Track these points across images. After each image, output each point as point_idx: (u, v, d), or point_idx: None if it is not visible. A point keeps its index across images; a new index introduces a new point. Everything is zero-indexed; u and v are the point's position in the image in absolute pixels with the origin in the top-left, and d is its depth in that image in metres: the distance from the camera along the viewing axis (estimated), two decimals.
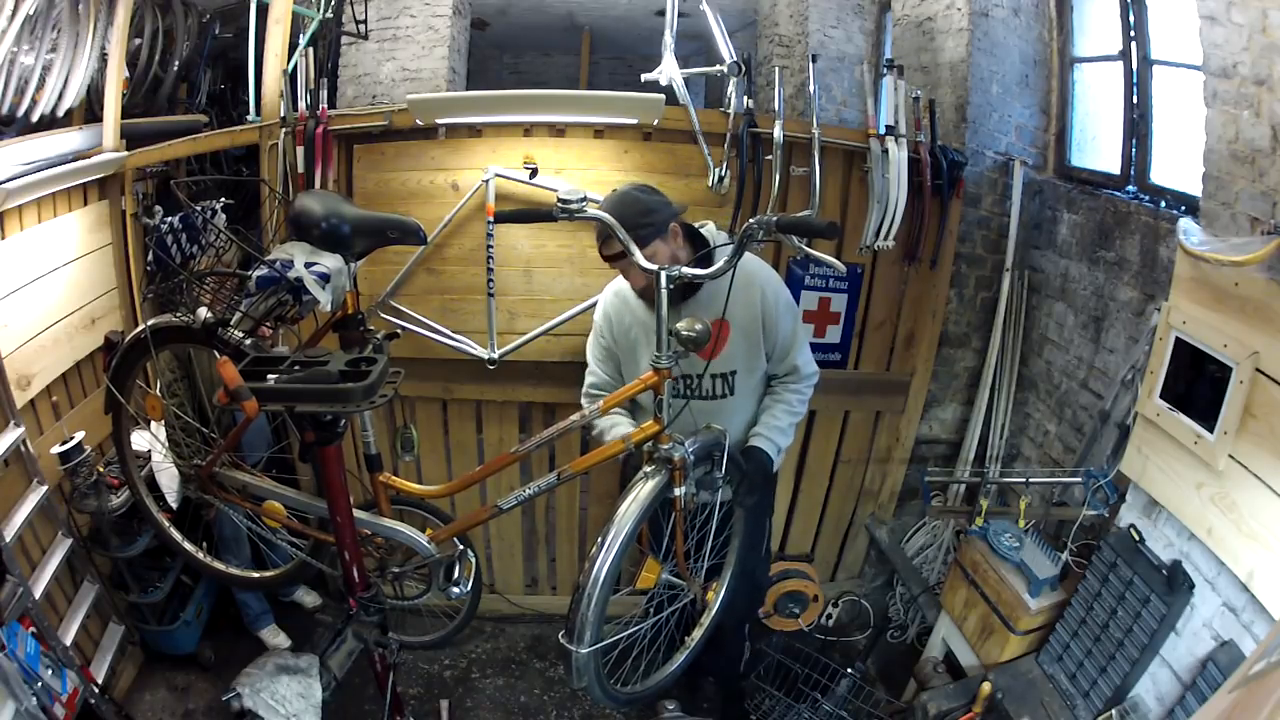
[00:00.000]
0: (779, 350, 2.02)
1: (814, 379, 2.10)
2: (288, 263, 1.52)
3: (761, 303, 1.93)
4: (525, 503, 1.80)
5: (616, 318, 2.02)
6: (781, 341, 2.00)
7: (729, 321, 1.90)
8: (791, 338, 2.02)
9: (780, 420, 2.02)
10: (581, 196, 1.58)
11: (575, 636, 1.54)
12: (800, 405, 2.07)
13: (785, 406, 2.03)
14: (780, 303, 1.97)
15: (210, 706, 2.60)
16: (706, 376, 1.96)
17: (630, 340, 2.00)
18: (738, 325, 1.94)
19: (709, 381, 1.98)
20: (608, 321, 2.04)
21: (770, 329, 1.96)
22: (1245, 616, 1.63)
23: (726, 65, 2.48)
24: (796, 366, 2.05)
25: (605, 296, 2.07)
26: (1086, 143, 3.05)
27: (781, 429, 2.01)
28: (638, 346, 1.98)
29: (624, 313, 2.01)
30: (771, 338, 1.98)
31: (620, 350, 2.03)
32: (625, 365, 2.03)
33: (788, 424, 2.03)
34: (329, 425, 1.59)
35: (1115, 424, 2.34)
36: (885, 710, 2.54)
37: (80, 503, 2.31)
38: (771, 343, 1.99)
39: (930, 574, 3.10)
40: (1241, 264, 1.62)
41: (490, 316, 2.64)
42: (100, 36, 2.67)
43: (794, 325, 2.03)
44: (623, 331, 2.01)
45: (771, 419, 2.02)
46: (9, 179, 2.09)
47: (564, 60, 7.22)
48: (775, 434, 2.00)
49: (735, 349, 1.96)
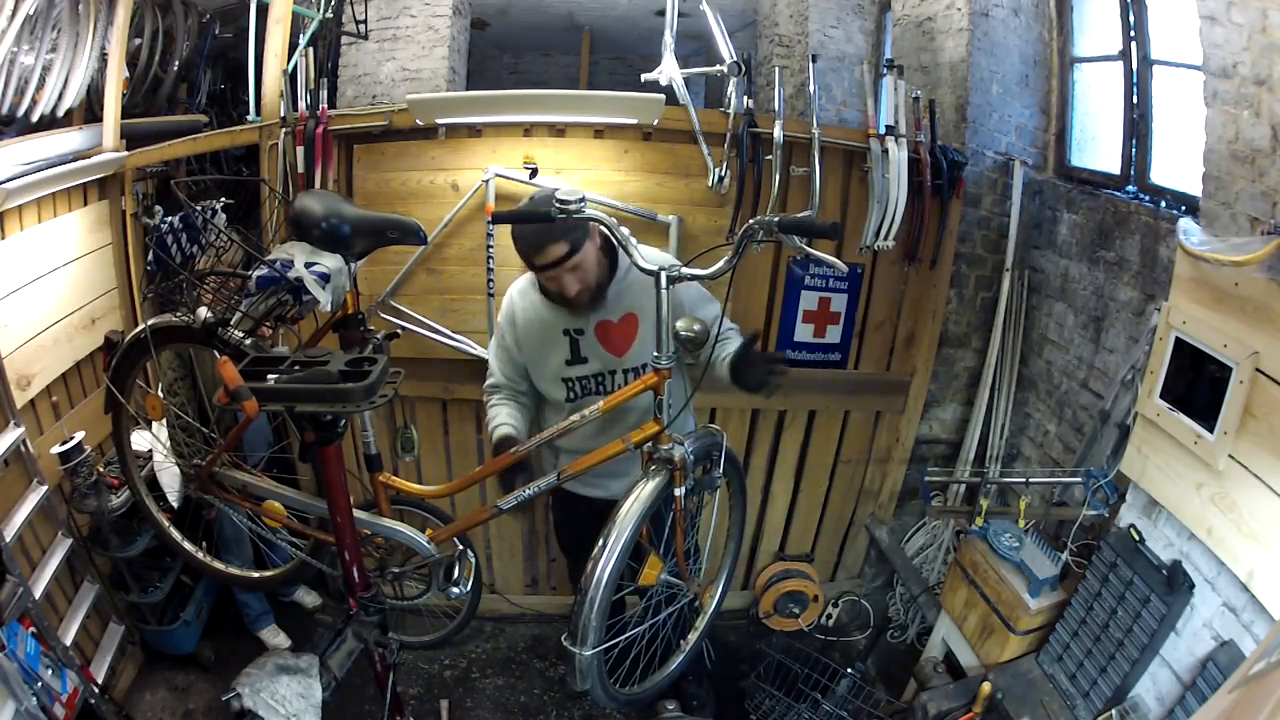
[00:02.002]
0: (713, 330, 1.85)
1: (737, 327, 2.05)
2: (288, 263, 1.52)
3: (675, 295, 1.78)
4: (525, 503, 1.80)
5: (521, 319, 1.97)
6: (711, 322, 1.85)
7: (636, 315, 1.90)
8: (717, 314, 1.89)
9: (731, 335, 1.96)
10: (580, 197, 1.57)
11: (578, 639, 1.54)
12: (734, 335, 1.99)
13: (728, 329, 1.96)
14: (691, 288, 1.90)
15: (210, 706, 2.60)
16: (619, 372, 1.94)
17: (536, 341, 1.96)
18: (647, 317, 1.87)
19: (622, 376, 1.95)
20: (511, 324, 1.98)
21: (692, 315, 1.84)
22: (1245, 616, 1.63)
23: (726, 65, 2.48)
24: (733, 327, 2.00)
25: (510, 299, 2.01)
26: (1086, 143, 3.05)
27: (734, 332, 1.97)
28: (546, 346, 1.94)
29: (529, 313, 1.96)
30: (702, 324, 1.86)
31: (525, 354, 1.98)
32: (534, 365, 1.99)
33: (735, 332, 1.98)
34: (329, 425, 1.59)
35: (1115, 424, 2.34)
36: (885, 710, 2.54)
37: (80, 503, 2.31)
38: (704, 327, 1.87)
39: (930, 574, 3.10)
40: (1241, 264, 1.62)
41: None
42: (100, 36, 2.66)
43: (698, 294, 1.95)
44: (527, 333, 1.96)
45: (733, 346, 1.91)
46: (9, 179, 2.09)
47: (564, 60, 7.22)
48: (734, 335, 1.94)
49: (646, 341, 1.90)
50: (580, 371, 1.95)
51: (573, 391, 1.97)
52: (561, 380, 1.96)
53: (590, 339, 1.92)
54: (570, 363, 1.95)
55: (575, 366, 1.95)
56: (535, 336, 1.97)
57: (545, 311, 1.94)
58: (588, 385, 1.96)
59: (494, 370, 2.07)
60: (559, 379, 1.96)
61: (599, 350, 1.93)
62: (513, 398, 2.04)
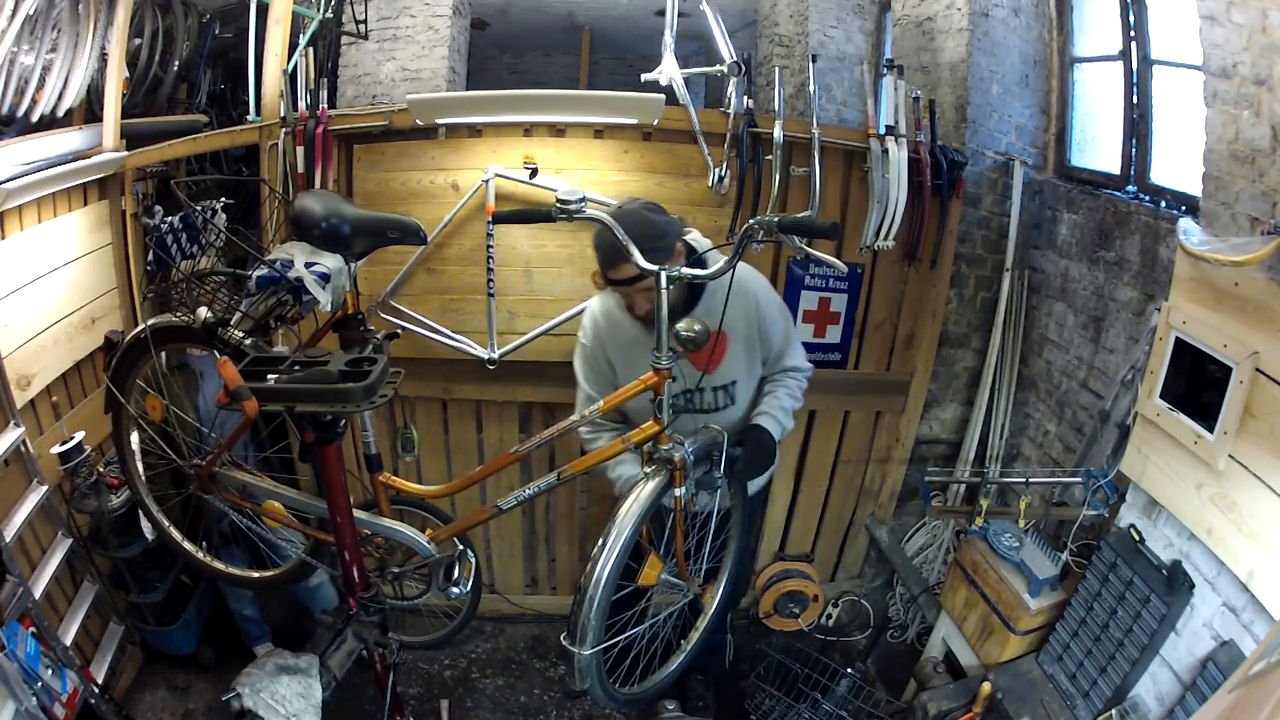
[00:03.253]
0: (774, 354, 2.02)
1: (810, 372, 2.10)
2: (288, 263, 1.52)
3: (756, 310, 1.93)
4: (525, 503, 1.80)
5: (610, 338, 1.96)
6: (776, 346, 2.01)
7: (726, 333, 1.89)
8: (785, 341, 2.02)
9: (784, 402, 2.01)
10: (580, 197, 1.57)
11: (577, 638, 1.54)
12: (800, 394, 2.07)
13: (787, 391, 2.03)
14: (773, 307, 1.97)
15: (210, 706, 2.61)
16: (708, 390, 1.96)
17: (627, 358, 1.95)
18: (736, 335, 1.93)
19: (710, 394, 1.97)
20: (599, 342, 1.97)
21: (765, 335, 1.96)
22: (1245, 616, 1.63)
23: (726, 65, 2.48)
24: (795, 366, 2.06)
25: (593, 318, 2.00)
26: (1086, 143, 3.05)
27: (785, 410, 2.00)
28: (635, 364, 1.92)
29: (617, 332, 1.96)
30: (767, 344, 1.98)
31: (618, 370, 1.97)
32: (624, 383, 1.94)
33: (790, 407, 2.02)
34: (329, 425, 1.59)
35: (1115, 424, 2.34)
36: (885, 710, 2.54)
37: (80, 503, 2.31)
38: (767, 349, 2.00)
39: (930, 574, 3.10)
40: (1241, 264, 1.62)
41: (490, 316, 2.64)
42: (100, 36, 2.66)
43: (786, 328, 2.03)
44: (618, 351, 1.96)
45: (775, 400, 2.01)
46: (9, 179, 2.09)
47: (564, 60, 7.22)
48: (779, 413, 1.99)
49: (734, 359, 1.95)
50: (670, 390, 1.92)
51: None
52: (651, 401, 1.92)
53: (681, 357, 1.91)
54: None
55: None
56: (625, 354, 1.95)
57: (634, 329, 1.92)
58: (677, 402, 1.92)
59: (591, 394, 1.97)
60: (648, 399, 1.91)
61: (689, 368, 1.89)
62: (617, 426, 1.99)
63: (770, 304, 1.97)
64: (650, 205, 1.81)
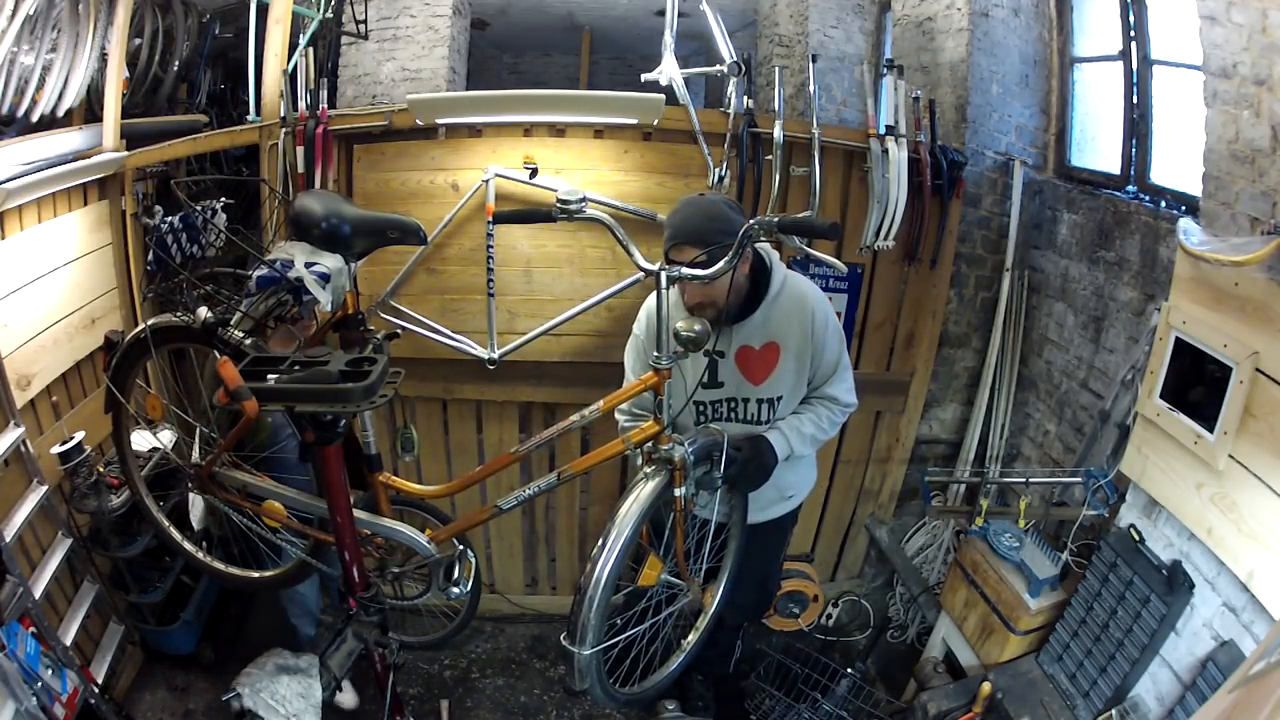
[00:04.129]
0: (820, 376, 1.93)
1: (851, 409, 2.00)
2: (288, 263, 1.52)
3: (811, 323, 1.86)
4: (525, 503, 1.80)
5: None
6: (824, 367, 1.92)
7: (780, 345, 1.85)
8: (835, 365, 1.93)
9: (805, 427, 1.90)
10: (581, 197, 1.57)
11: (577, 638, 1.54)
12: (830, 426, 1.97)
13: (814, 417, 1.93)
14: (829, 327, 1.89)
15: (210, 706, 2.60)
16: (753, 401, 1.90)
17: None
18: (789, 349, 1.87)
19: (754, 406, 1.91)
20: (651, 337, 1.90)
21: (817, 353, 1.89)
22: (1245, 616, 1.63)
23: (726, 65, 2.48)
24: (835, 396, 1.96)
25: (647, 311, 1.97)
26: (1086, 143, 3.05)
27: (803, 434, 1.90)
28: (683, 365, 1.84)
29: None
30: (816, 362, 1.91)
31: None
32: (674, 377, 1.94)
33: (811, 433, 1.92)
34: (329, 425, 1.59)
35: (1115, 424, 2.34)
36: (885, 710, 2.54)
37: (80, 503, 2.31)
38: (815, 367, 1.91)
39: (930, 574, 3.10)
40: (1241, 264, 1.62)
41: (490, 316, 2.64)
42: (100, 36, 2.66)
43: (839, 352, 1.93)
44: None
45: (797, 420, 1.92)
46: (9, 179, 2.09)
47: (564, 60, 7.23)
48: (792, 434, 1.88)
49: (784, 373, 1.89)
50: (714, 395, 1.91)
51: (703, 415, 1.93)
52: (694, 403, 1.90)
53: (730, 363, 1.88)
54: (706, 385, 1.89)
55: (710, 390, 1.90)
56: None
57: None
58: (719, 410, 1.90)
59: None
60: (692, 401, 1.89)
61: (737, 376, 1.88)
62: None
63: (827, 322, 1.88)
64: (728, 201, 1.79)
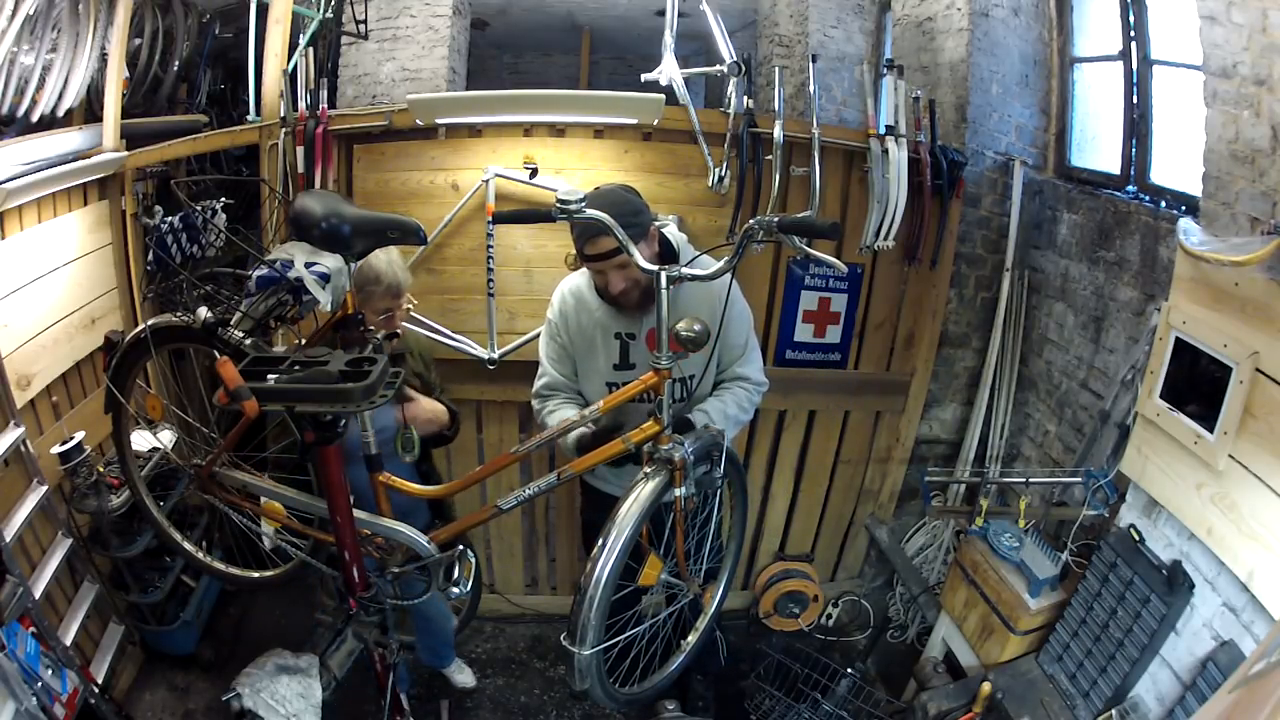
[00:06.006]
0: (728, 357, 1.99)
1: (764, 388, 2.05)
2: (288, 263, 1.52)
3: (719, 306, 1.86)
4: (525, 503, 1.80)
5: (574, 318, 1.97)
6: (733, 349, 1.97)
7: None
8: (743, 346, 1.99)
9: (729, 409, 1.95)
10: (580, 197, 1.57)
11: (577, 639, 1.54)
12: (750, 405, 2.02)
13: (735, 399, 1.98)
14: (736, 307, 1.92)
15: (210, 706, 2.60)
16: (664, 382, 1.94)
17: (588, 341, 1.96)
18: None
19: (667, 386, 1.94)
20: (564, 321, 1.99)
21: (726, 333, 1.91)
22: (1245, 616, 1.63)
23: (726, 65, 2.48)
24: (747, 376, 2.01)
25: (561, 296, 2.02)
26: (1086, 143, 3.05)
27: (727, 416, 1.94)
28: (595, 348, 1.95)
29: (581, 313, 1.96)
30: (726, 343, 1.94)
31: (577, 351, 1.99)
32: (582, 365, 2.00)
33: (734, 415, 1.96)
34: (329, 425, 1.59)
35: (1115, 424, 2.34)
36: (885, 710, 2.54)
37: (80, 503, 2.31)
38: (724, 348, 1.96)
39: (930, 574, 3.10)
40: (1241, 264, 1.62)
41: (490, 316, 2.64)
42: (100, 36, 2.66)
43: (747, 333, 2.00)
44: (579, 332, 1.97)
45: (719, 403, 1.95)
46: (9, 179, 2.09)
47: (564, 60, 7.22)
48: (717, 416, 1.92)
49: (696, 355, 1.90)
50: (626, 377, 1.93)
51: None
52: (606, 385, 1.94)
53: (640, 345, 1.90)
54: (618, 367, 1.93)
55: (622, 371, 1.94)
56: (586, 336, 1.96)
57: (599, 312, 1.93)
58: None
59: (548, 371, 2.03)
60: (604, 383, 1.94)
61: (648, 357, 1.87)
62: (573, 399, 2.00)
63: (734, 303, 1.90)
64: (626, 186, 1.83)
